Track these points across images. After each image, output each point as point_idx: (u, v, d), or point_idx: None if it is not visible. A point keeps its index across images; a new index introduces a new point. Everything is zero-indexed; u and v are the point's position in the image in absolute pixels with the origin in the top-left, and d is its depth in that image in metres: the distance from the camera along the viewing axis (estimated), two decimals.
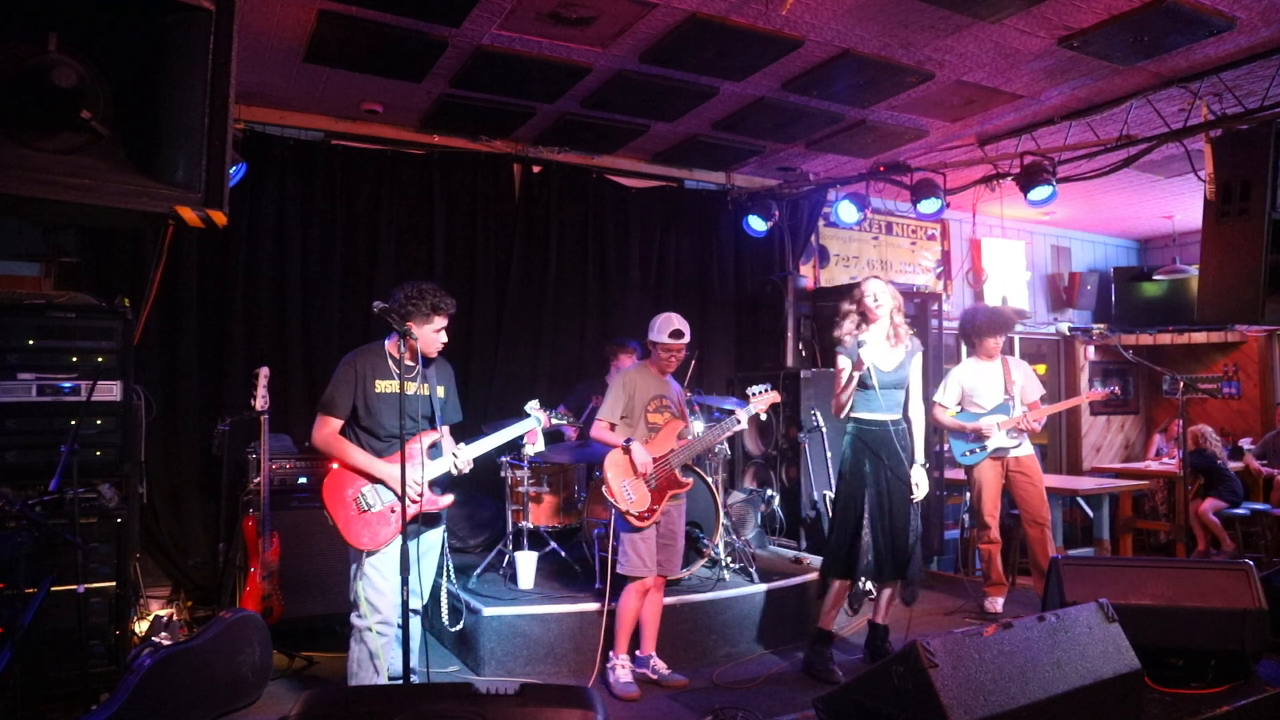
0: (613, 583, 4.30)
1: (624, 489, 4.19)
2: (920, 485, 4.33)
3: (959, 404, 5.67)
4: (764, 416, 4.51)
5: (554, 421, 4.08)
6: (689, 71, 5.06)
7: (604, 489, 4.23)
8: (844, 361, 4.38)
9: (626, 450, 4.21)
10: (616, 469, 4.22)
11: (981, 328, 5.59)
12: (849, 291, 4.54)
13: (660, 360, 4.39)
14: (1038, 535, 5.49)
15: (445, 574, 4.16)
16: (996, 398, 5.55)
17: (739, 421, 4.36)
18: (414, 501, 3.43)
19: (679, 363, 4.45)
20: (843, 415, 4.42)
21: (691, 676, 4.44)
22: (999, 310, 5.83)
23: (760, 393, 4.37)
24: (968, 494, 5.93)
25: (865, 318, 4.38)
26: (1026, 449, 5.57)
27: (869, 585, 4.71)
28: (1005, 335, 5.68)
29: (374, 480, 3.51)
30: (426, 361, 3.68)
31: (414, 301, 3.52)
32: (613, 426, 4.33)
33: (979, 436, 5.51)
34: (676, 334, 4.33)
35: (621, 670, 4.25)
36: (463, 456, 3.65)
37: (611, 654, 4.31)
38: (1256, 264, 4.46)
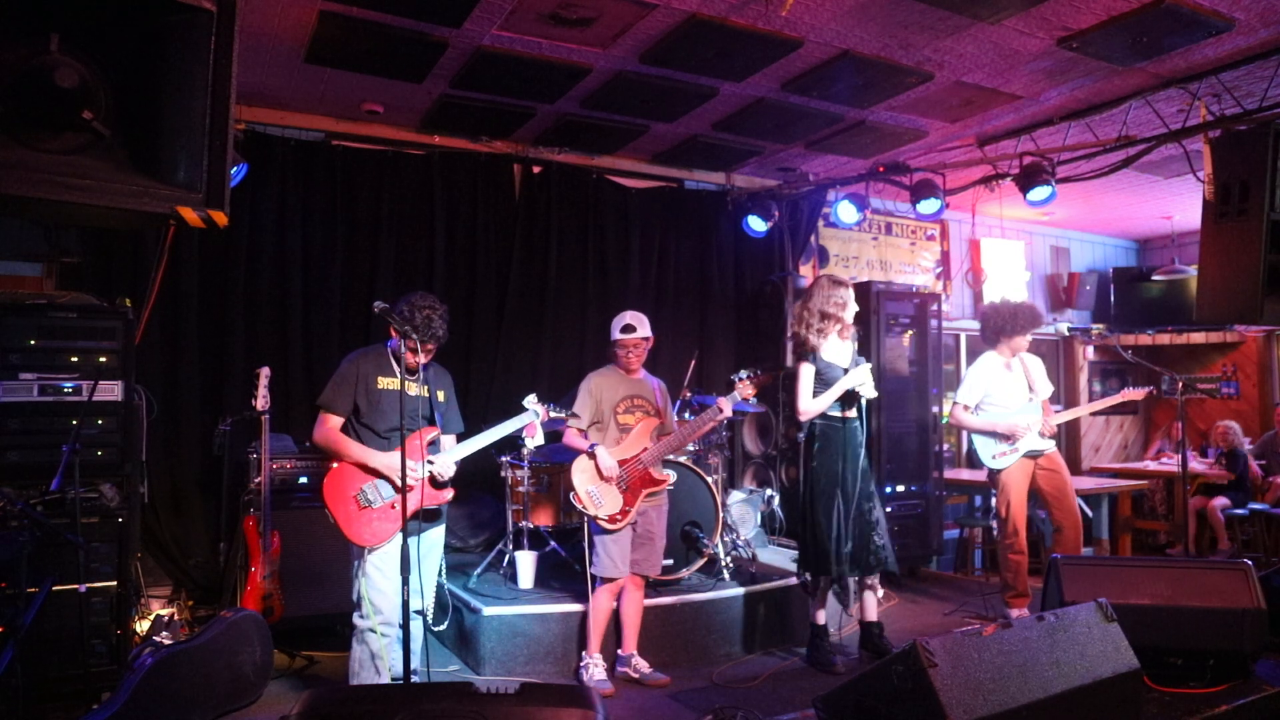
0: (590, 582, 4.34)
1: (591, 494, 4.18)
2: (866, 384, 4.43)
3: (977, 405, 5.42)
4: (753, 401, 4.45)
5: (552, 415, 4.07)
6: (689, 72, 5.07)
7: (572, 496, 4.23)
8: (808, 370, 4.49)
9: (591, 456, 4.21)
10: (583, 475, 4.22)
11: (1015, 325, 5.32)
12: (811, 295, 4.59)
13: (621, 359, 4.36)
14: (1072, 536, 5.24)
15: (439, 571, 4.17)
16: (1021, 396, 5.34)
17: (720, 410, 4.25)
18: (416, 481, 3.44)
19: (642, 358, 4.41)
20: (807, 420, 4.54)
21: (691, 676, 4.45)
22: (1026, 305, 5.53)
23: (746, 378, 4.26)
24: (993, 498, 5.65)
25: (838, 323, 4.51)
26: (1052, 445, 5.37)
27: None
28: (1034, 331, 5.44)
29: (374, 474, 3.53)
30: (427, 365, 3.73)
31: (405, 314, 3.49)
32: (583, 432, 4.32)
33: (1011, 435, 5.24)
34: (628, 329, 4.32)
35: (595, 669, 4.27)
36: (443, 460, 3.61)
37: (584, 654, 4.33)
38: (1255, 264, 4.46)
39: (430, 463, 3.59)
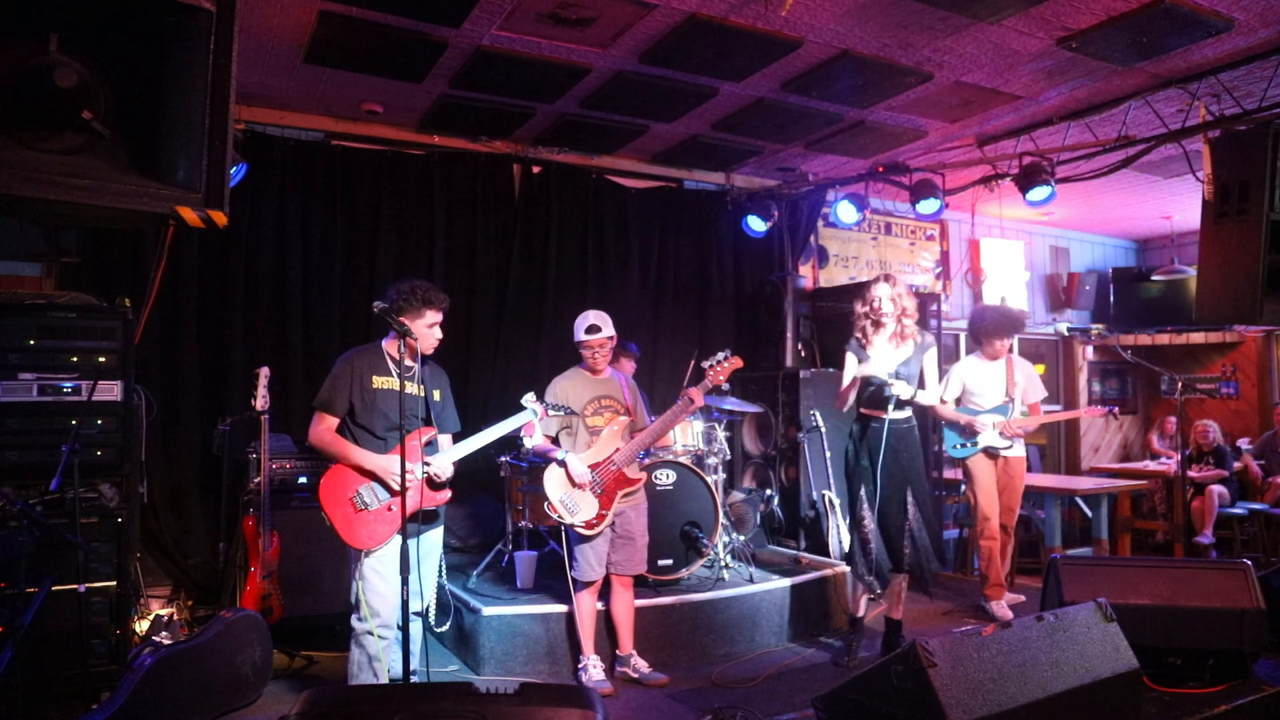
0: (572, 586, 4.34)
1: (565, 503, 4.16)
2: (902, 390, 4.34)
3: (957, 400, 5.69)
4: (725, 386, 4.45)
5: (550, 414, 4.07)
6: (689, 72, 5.07)
7: (546, 505, 4.19)
8: (851, 359, 4.56)
9: (561, 464, 4.18)
10: (555, 484, 4.18)
11: (990, 328, 5.57)
12: (858, 292, 4.67)
13: (587, 360, 4.36)
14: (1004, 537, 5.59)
15: (440, 572, 4.17)
16: (997, 398, 5.56)
17: (692, 400, 4.17)
18: (413, 482, 3.43)
19: (608, 358, 4.40)
20: (846, 409, 4.60)
21: (690, 676, 4.45)
22: (1008, 311, 5.80)
23: (713, 365, 4.15)
24: (963, 488, 5.96)
25: (876, 323, 4.52)
26: (1019, 451, 5.59)
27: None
28: (1013, 336, 5.66)
29: (370, 477, 3.51)
30: (424, 361, 3.70)
31: (405, 297, 3.57)
32: (553, 439, 4.31)
33: (970, 431, 5.55)
34: (592, 329, 4.30)
35: (594, 670, 4.28)
36: (440, 461, 3.58)
37: (581, 656, 4.34)
38: (1254, 264, 4.47)
39: (427, 464, 3.57)
